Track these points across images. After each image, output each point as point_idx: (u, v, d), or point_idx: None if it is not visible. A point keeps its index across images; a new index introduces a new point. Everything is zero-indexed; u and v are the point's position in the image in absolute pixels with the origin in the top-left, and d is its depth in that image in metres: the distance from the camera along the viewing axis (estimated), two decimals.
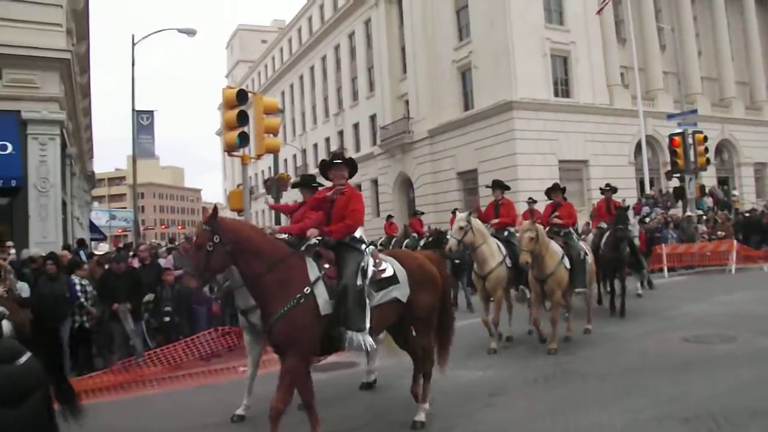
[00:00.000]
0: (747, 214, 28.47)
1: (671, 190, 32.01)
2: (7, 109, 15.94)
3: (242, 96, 14.40)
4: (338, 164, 7.34)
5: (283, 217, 17.22)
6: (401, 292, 6.94)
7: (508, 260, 11.39)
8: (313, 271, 6.45)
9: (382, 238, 25.60)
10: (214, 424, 7.96)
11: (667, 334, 11.47)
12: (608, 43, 38.52)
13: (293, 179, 15.14)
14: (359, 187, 51.63)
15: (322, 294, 6.35)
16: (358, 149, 52.96)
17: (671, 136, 27.15)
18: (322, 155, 59.78)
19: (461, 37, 39.34)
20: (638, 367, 9.19)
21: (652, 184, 36.76)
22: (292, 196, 57.80)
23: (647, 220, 24.44)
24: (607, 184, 15.52)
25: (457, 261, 15.77)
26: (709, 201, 32.82)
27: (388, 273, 6.92)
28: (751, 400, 7.21)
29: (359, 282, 6.53)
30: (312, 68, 62.46)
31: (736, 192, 39.26)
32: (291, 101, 66.97)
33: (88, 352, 12.38)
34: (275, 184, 17.95)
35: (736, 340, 10.60)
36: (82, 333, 12.09)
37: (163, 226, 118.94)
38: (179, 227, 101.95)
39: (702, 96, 41.68)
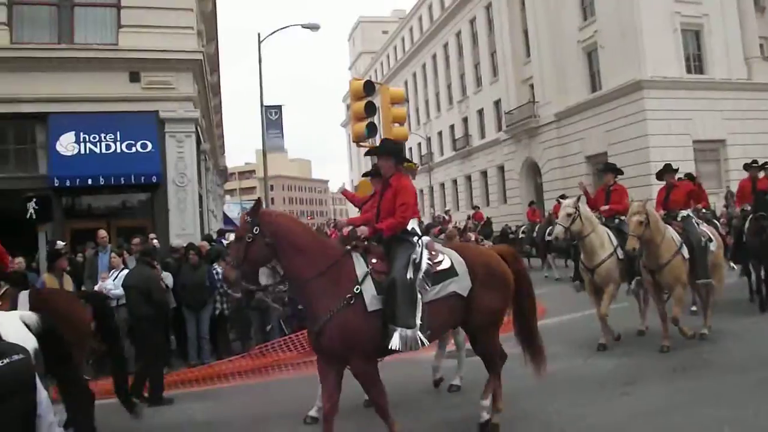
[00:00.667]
0: None
1: None
2: (147, 109, 16.84)
3: (369, 87, 14.61)
4: (382, 155, 6.90)
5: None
6: (460, 285, 6.47)
7: (619, 251, 10.42)
8: (360, 268, 6.14)
9: (525, 225, 25.16)
10: (347, 407, 8.10)
11: None
12: (744, 12, 36.31)
13: (419, 167, 15.19)
14: (485, 174, 51.33)
15: (369, 290, 6.02)
16: (483, 135, 52.58)
17: None
18: (448, 143, 59.81)
19: (585, 17, 38.23)
20: None
21: None
22: (418, 185, 58.17)
23: None
24: (754, 161, 13.99)
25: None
26: None
27: (445, 265, 6.50)
28: None
29: (410, 275, 6.13)
30: (434, 56, 62.41)
31: None
32: (414, 90, 67.16)
33: (227, 337, 12.97)
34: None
35: None
36: (221, 319, 12.71)
37: (328, 220, 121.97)
38: (308, 218, 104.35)
39: None
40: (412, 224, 6.64)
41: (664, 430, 6.34)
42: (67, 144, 15.93)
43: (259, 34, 29.26)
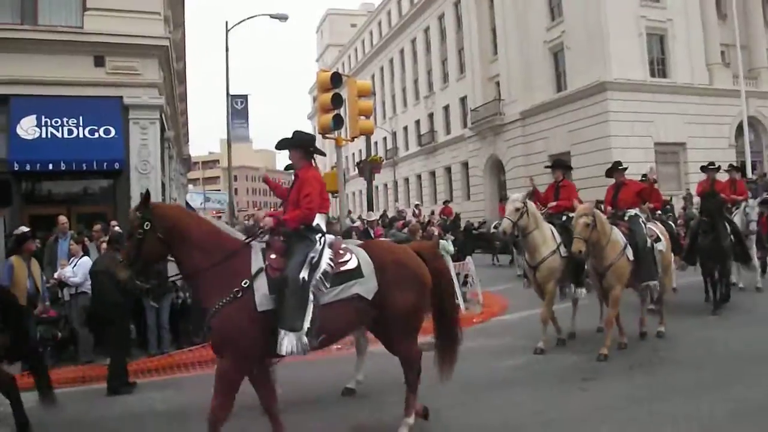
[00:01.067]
0: None
1: None
2: (111, 95, 16.56)
3: (336, 79, 14.58)
4: (291, 146, 6.62)
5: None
6: (365, 287, 6.09)
7: (563, 249, 10.17)
8: (256, 263, 5.80)
9: (497, 221, 25.25)
10: (326, 396, 8.14)
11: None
12: (707, 19, 36.98)
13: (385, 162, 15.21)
14: (449, 170, 51.58)
15: (261, 287, 5.67)
16: (448, 132, 52.83)
17: None
18: (413, 138, 59.99)
19: (553, 17, 38.61)
20: (740, 356, 8.88)
21: (754, 168, 35.34)
22: (382, 179, 58.27)
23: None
24: (711, 163, 14.11)
25: None
26: None
27: (350, 265, 6.14)
28: None
29: (303, 275, 5.74)
30: (402, 51, 62.49)
31: None
32: (381, 84, 67.20)
33: (187, 327, 12.85)
34: (367, 167, 18.09)
35: None
36: (182, 309, 12.61)
37: (256, 208, 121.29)
38: (272, 209, 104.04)
39: None
40: (319, 220, 6.32)
41: (621, 424, 6.46)
42: (28, 127, 15.61)
43: (226, 23, 28.99)
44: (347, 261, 6.17)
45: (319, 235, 6.20)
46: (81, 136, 15.99)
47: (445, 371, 6.74)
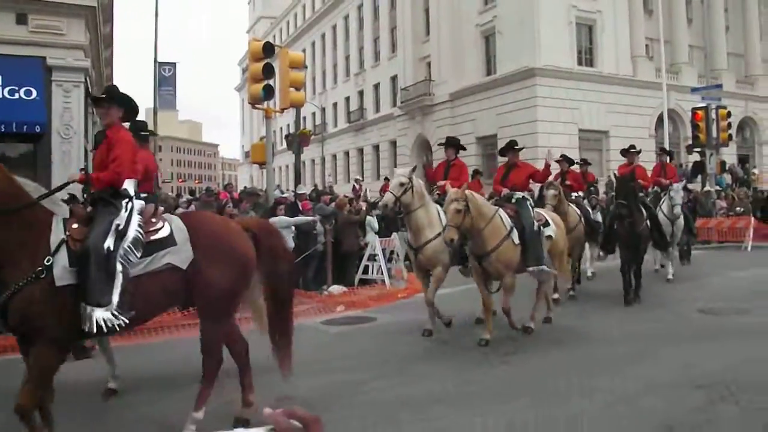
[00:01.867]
0: (766, 193, 28.32)
1: (690, 165, 31.84)
2: (33, 54, 15.95)
3: (268, 49, 14.46)
4: (100, 101, 5.91)
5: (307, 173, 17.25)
6: (178, 256, 5.56)
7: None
8: (57, 234, 5.20)
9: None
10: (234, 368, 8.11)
11: (682, 305, 11.55)
12: (635, 13, 38.05)
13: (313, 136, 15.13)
14: (377, 147, 51.65)
15: (61, 260, 5.08)
16: (378, 110, 52.87)
17: (694, 110, 27.03)
18: (342, 114, 59.83)
19: (486, 1, 38.94)
20: (652, 334, 9.31)
21: (671, 158, 36.51)
22: (310, 155, 57.93)
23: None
24: (631, 146, 14.40)
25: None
26: (728, 178, 32.64)
27: (162, 234, 5.63)
28: (763, 371, 7.29)
29: (108, 244, 5.19)
30: (334, 27, 62.09)
31: (756, 170, 38.93)
32: (312, 60, 66.58)
33: None
34: (296, 139, 18.02)
35: (750, 314, 10.67)
36: None
37: (180, 180, 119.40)
38: (196, 181, 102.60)
39: (727, 72, 41.05)
40: (128, 185, 5.75)
41: (538, 396, 6.68)
42: None
43: None
44: (159, 229, 5.67)
45: (126, 200, 5.63)
46: (0, 96, 15.42)
47: (284, 365, 6.25)
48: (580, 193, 14.31)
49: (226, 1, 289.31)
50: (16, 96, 15.56)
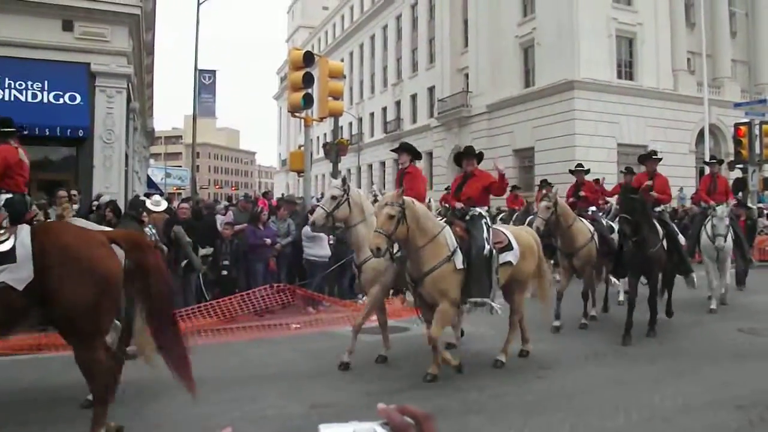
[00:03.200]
0: None
1: (732, 182, 31.36)
2: (78, 61, 16.28)
3: (309, 58, 14.59)
4: None
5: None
6: (15, 275, 5.18)
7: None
8: None
9: (504, 213, 24.81)
10: (270, 375, 8.18)
11: (722, 323, 11.39)
12: (676, 26, 37.63)
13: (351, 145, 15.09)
14: None
15: None
16: (414, 120, 52.93)
17: (737, 126, 26.54)
18: (379, 124, 59.99)
19: (525, 13, 38.84)
20: (691, 352, 9.19)
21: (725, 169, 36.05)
22: (346, 164, 58.17)
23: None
24: (652, 151, 13.06)
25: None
26: None
27: (4, 247, 5.27)
28: None
29: None
30: (372, 37, 62.36)
31: None
32: (350, 69, 66.90)
33: None
34: (334, 149, 18.07)
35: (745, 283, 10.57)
36: None
37: (216, 186, 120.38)
38: (233, 188, 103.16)
39: None
40: None
41: (574, 410, 6.63)
42: None
43: None
44: (2, 242, 5.31)
45: None
46: (45, 101, 15.68)
47: (187, 385, 5.75)
48: (593, 208, 12.94)
49: (266, 10, 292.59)
50: (61, 101, 15.87)
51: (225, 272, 12.88)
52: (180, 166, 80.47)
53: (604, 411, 6.62)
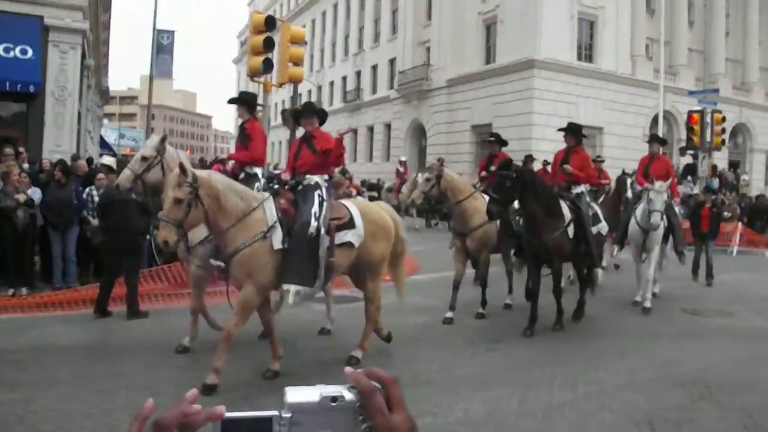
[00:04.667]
0: (755, 199, 28.60)
1: (682, 167, 32.00)
2: (31, 13, 15.82)
3: (270, 22, 14.40)
4: None
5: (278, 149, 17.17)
6: None
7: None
8: None
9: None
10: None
11: (667, 303, 11.67)
12: (637, 12, 38.03)
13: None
14: (371, 129, 51.59)
15: None
16: (374, 91, 52.70)
17: (690, 113, 27.06)
18: (338, 94, 59.60)
19: None
20: (636, 331, 9.43)
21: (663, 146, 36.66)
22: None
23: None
24: (570, 124, 11.25)
25: None
26: (716, 182, 32.82)
27: None
28: (744, 373, 7.42)
29: None
30: (335, 5, 61.71)
31: (745, 176, 39.14)
32: (311, 36, 66.15)
33: (96, 261, 12.45)
34: (292, 115, 17.92)
35: (732, 316, 10.83)
36: (88, 242, 12.17)
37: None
38: (188, 151, 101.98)
39: (724, 77, 41.10)
40: None
41: (522, 384, 6.77)
42: None
43: None
44: None
45: None
46: None
47: None
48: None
49: None
50: (11, 54, 15.49)
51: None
52: (135, 127, 79.17)
53: (552, 385, 6.78)
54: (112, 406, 5.93)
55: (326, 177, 7.51)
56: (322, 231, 6.85)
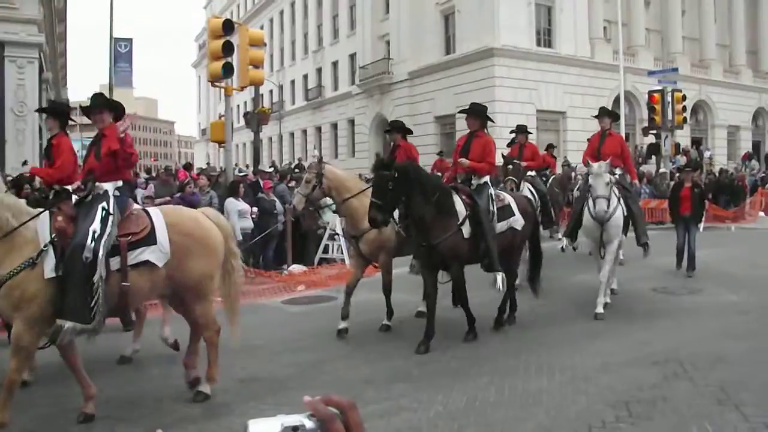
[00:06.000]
0: (718, 175, 29.02)
1: (645, 147, 32.35)
2: None
3: (228, 26, 14.29)
4: None
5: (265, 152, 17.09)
6: None
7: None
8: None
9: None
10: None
11: (637, 284, 11.78)
12: None
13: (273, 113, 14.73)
14: (335, 126, 51.52)
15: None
16: (336, 88, 52.60)
17: (650, 93, 27.39)
18: (300, 92, 59.41)
19: None
20: (608, 313, 9.47)
21: (627, 139, 37.01)
22: (267, 133, 57.45)
23: None
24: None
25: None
26: (682, 159, 33.22)
27: None
28: (715, 348, 7.52)
29: None
30: (293, 3, 61.44)
31: (709, 153, 39.67)
32: (270, 36, 65.84)
33: None
34: (255, 118, 17.85)
35: (702, 293, 10.95)
36: None
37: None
38: (152, 159, 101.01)
39: (682, 55, 41.62)
40: None
41: (499, 373, 6.82)
42: None
43: None
44: None
45: None
46: None
47: None
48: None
49: None
50: None
51: None
52: None
53: (528, 372, 6.83)
54: (90, 423, 5.85)
55: (119, 183, 6.28)
56: (101, 254, 5.60)
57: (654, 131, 27.99)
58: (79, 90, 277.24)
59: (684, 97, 27.85)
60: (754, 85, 46.08)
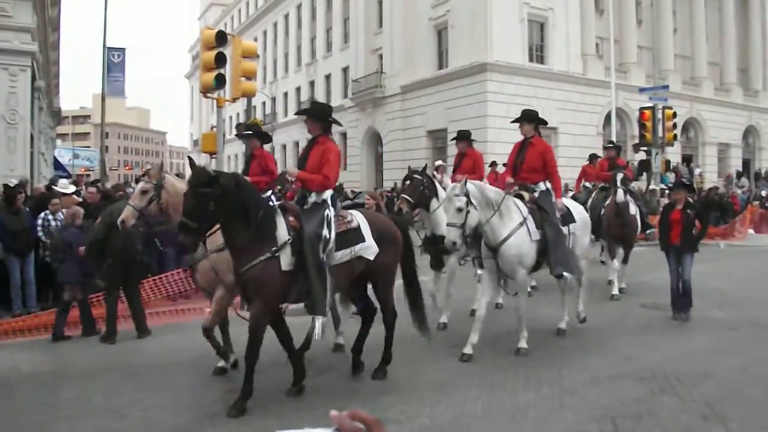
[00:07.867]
0: (707, 192, 29.17)
1: (636, 163, 32.50)
2: None
3: (221, 38, 14.25)
4: None
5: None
6: None
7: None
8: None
9: None
10: (185, 361, 8.08)
11: (626, 299, 11.85)
12: (586, 12, 38.55)
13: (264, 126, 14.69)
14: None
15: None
16: (328, 101, 52.61)
17: (641, 110, 27.54)
18: (293, 104, 59.48)
19: None
20: (596, 328, 9.52)
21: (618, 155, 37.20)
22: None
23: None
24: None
25: None
26: (671, 177, 33.37)
27: None
28: (702, 364, 7.55)
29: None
30: (286, 16, 61.65)
31: (699, 170, 39.88)
32: (263, 48, 66.00)
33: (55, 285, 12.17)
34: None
35: (690, 309, 10.93)
36: (46, 267, 11.90)
37: (127, 167, 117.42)
38: (143, 169, 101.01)
39: (674, 73, 41.89)
40: None
41: (486, 386, 6.81)
42: None
43: None
44: None
45: None
46: None
47: None
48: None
49: None
50: None
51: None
52: (89, 147, 78.21)
53: (516, 386, 6.83)
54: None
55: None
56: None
57: (644, 148, 28.11)
58: (71, 98, 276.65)
59: (675, 115, 28.03)
60: (744, 103, 46.45)
